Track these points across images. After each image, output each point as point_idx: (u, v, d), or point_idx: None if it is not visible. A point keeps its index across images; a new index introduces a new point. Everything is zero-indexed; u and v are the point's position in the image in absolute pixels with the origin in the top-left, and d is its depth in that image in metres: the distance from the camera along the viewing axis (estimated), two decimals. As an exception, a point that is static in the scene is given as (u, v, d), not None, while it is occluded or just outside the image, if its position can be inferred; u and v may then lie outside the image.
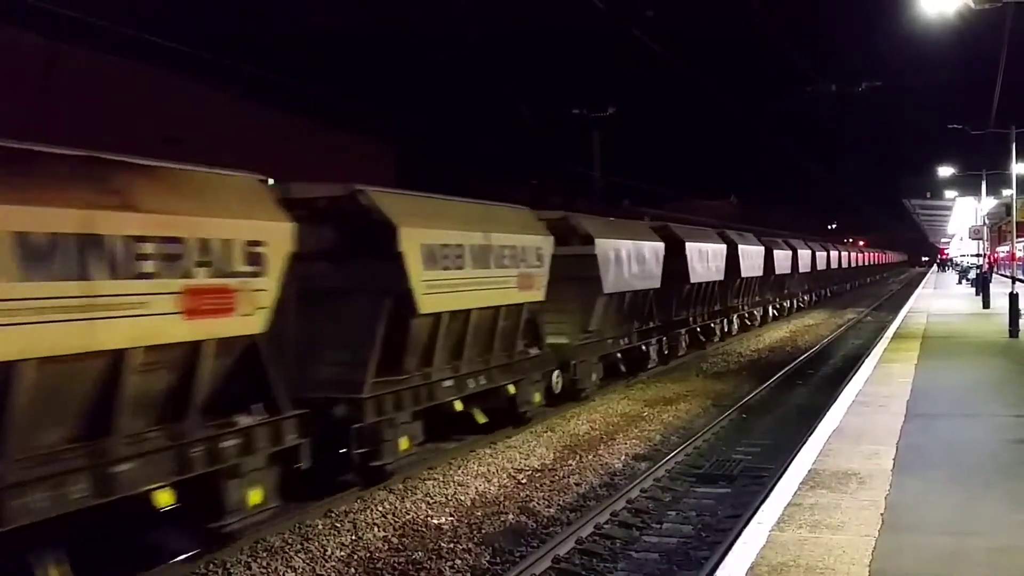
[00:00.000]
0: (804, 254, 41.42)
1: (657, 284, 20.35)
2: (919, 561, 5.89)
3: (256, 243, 8.34)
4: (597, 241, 17.10)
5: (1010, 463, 8.53)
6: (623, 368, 19.70)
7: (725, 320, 28.15)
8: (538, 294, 14.39)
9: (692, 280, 22.84)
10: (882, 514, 6.85)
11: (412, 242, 10.89)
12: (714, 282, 25.59)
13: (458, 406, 12.71)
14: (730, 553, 6.27)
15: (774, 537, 6.40)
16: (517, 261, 13.60)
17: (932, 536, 6.39)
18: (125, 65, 22.33)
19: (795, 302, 41.11)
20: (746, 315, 31.12)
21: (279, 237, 8.66)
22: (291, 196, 9.97)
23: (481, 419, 13.33)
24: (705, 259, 24.12)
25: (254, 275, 8.33)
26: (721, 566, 6.06)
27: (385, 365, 10.98)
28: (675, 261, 21.42)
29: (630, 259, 18.75)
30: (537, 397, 14.95)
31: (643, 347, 20.53)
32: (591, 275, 16.99)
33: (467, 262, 12.14)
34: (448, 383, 12.20)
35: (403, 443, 11.19)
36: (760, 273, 31.52)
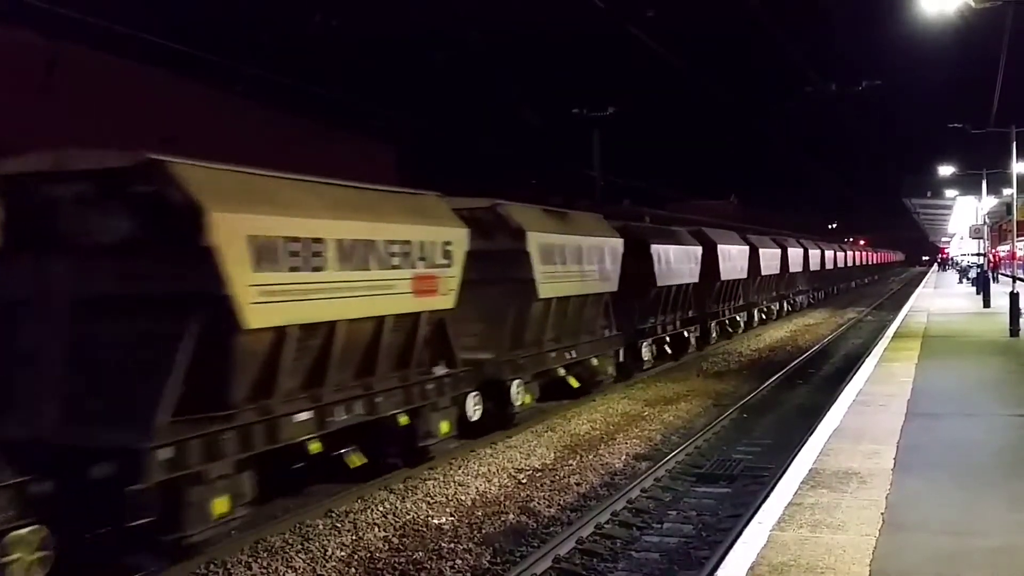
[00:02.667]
0: (768, 253, 34.07)
1: (613, 287, 17.80)
2: (920, 561, 5.89)
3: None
4: (529, 235, 14.37)
5: (1011, 463, 8.53)
6: (573, 385, 16.64)
7: (700, 328, 24.85)
8: (445, 300, 11.76)
9: (659, 283, 20.42)
10: (883, 514, 6.85)
11: (233, 233, 8.22)
12: (687, 285, 23.02)
13: (315, 447, 9.87)
14: (731, 553, 6.26)
15: (775, 537, 6.40)
16: (413, 260, 11.02)
17: (933, 536, 6.38)
18: (126, 65, 22.34)
19: (782, 305, 38.08)
20: (727, 321, 28.13)
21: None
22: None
23: (356, 462, 10.59)
24: (676, 260, 21.62)
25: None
26: (722, 566, 6.05)
27: (196, 399, 8.29)
28: (639, 262, 19.22)
29: (580, 258, 16.22)
30: (444, 427, 12.11)
31: (594, 360, 17.38)
32: (523, 277, 14.35)
33: (330, 261, 9.47)
34: (302, 417, 9.52)
35: (219, 505, 8.45)
36: (744, 275, 28.93)
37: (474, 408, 13.26)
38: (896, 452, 8.89)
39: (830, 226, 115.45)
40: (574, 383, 16.56)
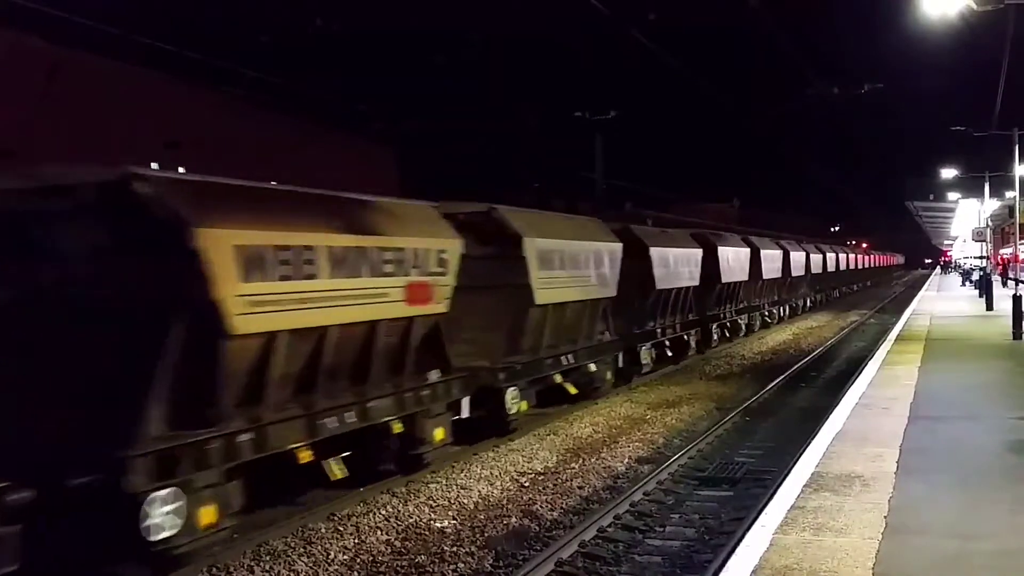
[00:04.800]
0: (738, 253, 31.00)
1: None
2: (923, 564, 5.88)
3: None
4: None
5: (1014, 466, 8.52)
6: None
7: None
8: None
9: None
10: (886, 517, 6.84)
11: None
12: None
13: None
14: (733, 556, 6.25)
15: (777, 540, 6.39)
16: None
17: (936, 539, 6.37)
18: (128, 69, 22.38)
19: (779, 310, 36.21)
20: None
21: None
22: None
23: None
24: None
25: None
26: (724, 569, 6.05)
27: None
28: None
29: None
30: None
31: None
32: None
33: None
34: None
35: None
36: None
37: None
38: (899, 455, 8.88)
39: (832, 229, 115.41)
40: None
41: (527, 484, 11.72)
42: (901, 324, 26.77)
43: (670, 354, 22.09)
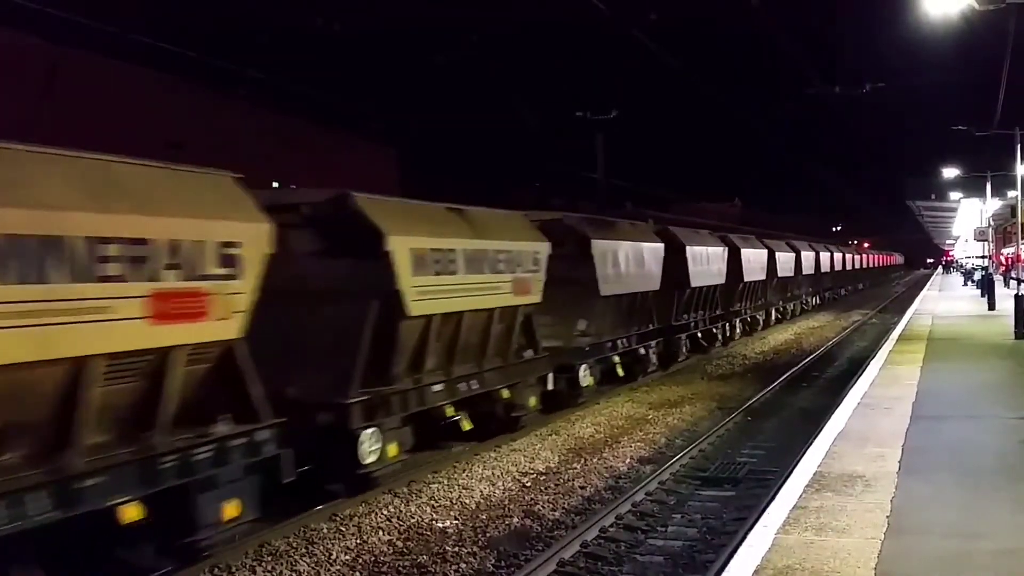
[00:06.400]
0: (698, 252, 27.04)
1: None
2: (925, 564, 5.87)
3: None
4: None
5: (1016, 465, 8.50)
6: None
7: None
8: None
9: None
10: (888, 517, 6.83)
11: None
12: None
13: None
14: (735, 556, 6.24)
15: (779, 540, 6.38)
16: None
17: (938, 539, 6.36)
18: (130, 69, 22.38)
19: (768, 313, 34.18)
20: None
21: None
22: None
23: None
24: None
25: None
26: (726, 569, 6.04)
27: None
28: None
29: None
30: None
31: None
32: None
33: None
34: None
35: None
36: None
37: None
38: (901, 455, 8.87)
39: (834, 228, 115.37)
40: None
41: (529, 484, 11.72)
42: (903, 324, 26.74)
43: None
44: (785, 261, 35.32)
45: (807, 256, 41.17)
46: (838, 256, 53.54)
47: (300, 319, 10.58)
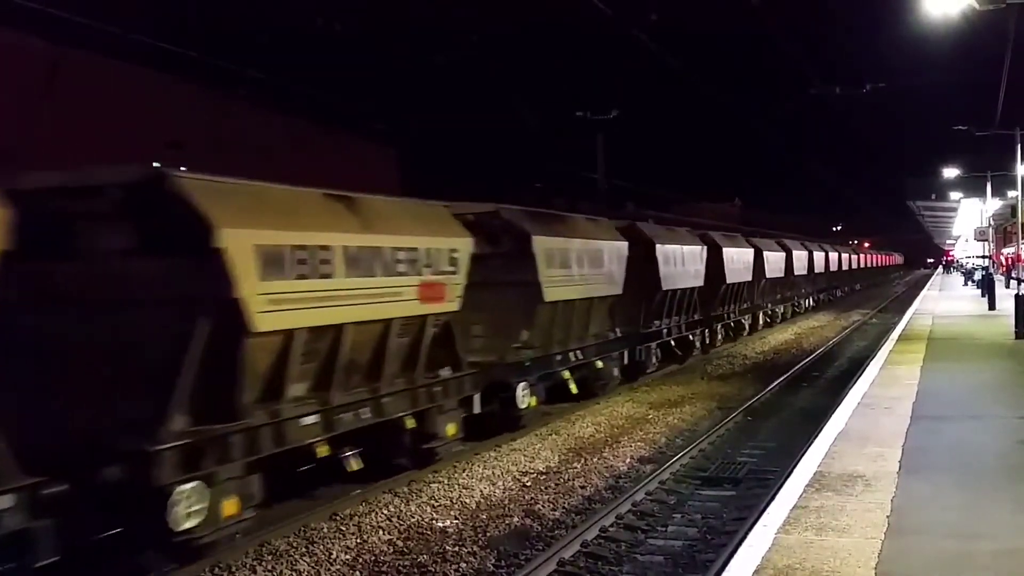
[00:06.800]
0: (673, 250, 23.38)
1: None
2: (925, 564, 5.87)
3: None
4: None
5: (1017, 465, 8.50)
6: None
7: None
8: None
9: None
10: (888, 517, 6.83)
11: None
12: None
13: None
14: (735, 556, 6.24)
15: (780, 540, 6.38)
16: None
17: (938, 539, 6.36)
18: (129, 69, 22.37)
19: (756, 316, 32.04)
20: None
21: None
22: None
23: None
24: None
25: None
26: (727, 569, 6.04)
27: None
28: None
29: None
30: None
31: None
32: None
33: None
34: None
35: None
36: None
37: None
38: (901, 455, 8.87)
39: (834, 228, 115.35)
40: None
41: (529, 484, 11.72)
42: (903, 324, 26.74)
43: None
44: (775, 261, 33.30)
45: (799, 256, 39.18)
46: (833, 256, 51.72)
47: (100, 336, 8.31)
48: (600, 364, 17.52)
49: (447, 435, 12.17)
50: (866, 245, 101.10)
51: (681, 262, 21.40)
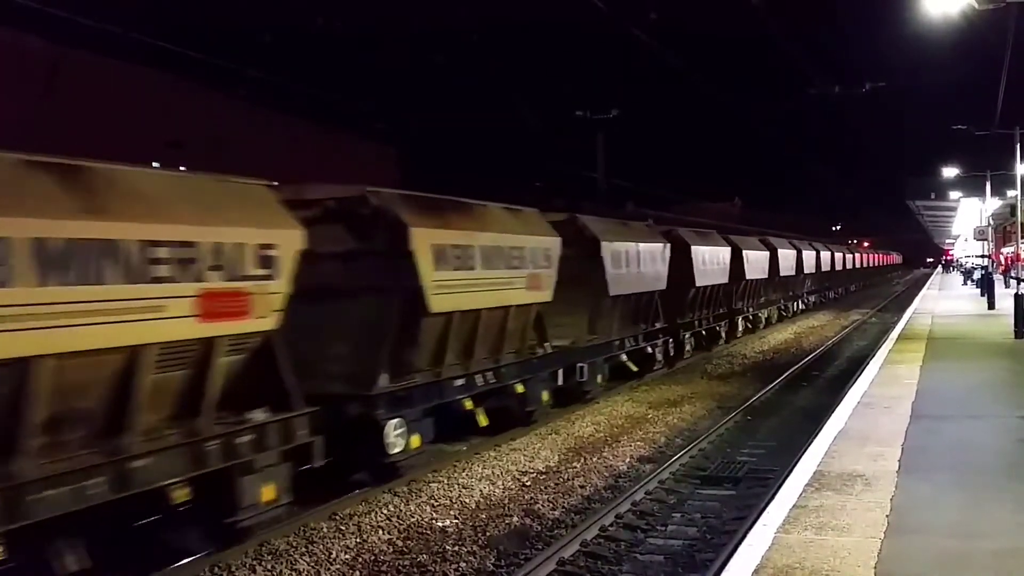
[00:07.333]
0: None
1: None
2: (925, 563, 5.87)
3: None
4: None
5: (1016, 465, 8.50)
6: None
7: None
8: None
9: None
10: (888, 516, 6.83)
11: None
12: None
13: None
14: (735, 555, 6.25)
15: (779, 539, 6.38)
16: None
17: (938, 538, 6.36)
18: (129, 68, 22.37)
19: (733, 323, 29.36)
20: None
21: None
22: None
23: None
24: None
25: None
26: (726, 569, 6.04)
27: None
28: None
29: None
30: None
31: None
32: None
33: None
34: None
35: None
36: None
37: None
38: (901, 454, 8.87)
39: (834, 228, 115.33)
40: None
41: (529, 483, 11.72)
42: (903, 323, 26.75)
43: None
44: (757, 261, 30.63)
45: (786, 254, 36.07)
46: (825, 255, 48.35)
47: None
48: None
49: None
50: (865, 244, 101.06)
51: (636, 263, 18.69)
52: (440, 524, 10.03)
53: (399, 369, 11.34)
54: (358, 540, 9.48)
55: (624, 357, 18.78)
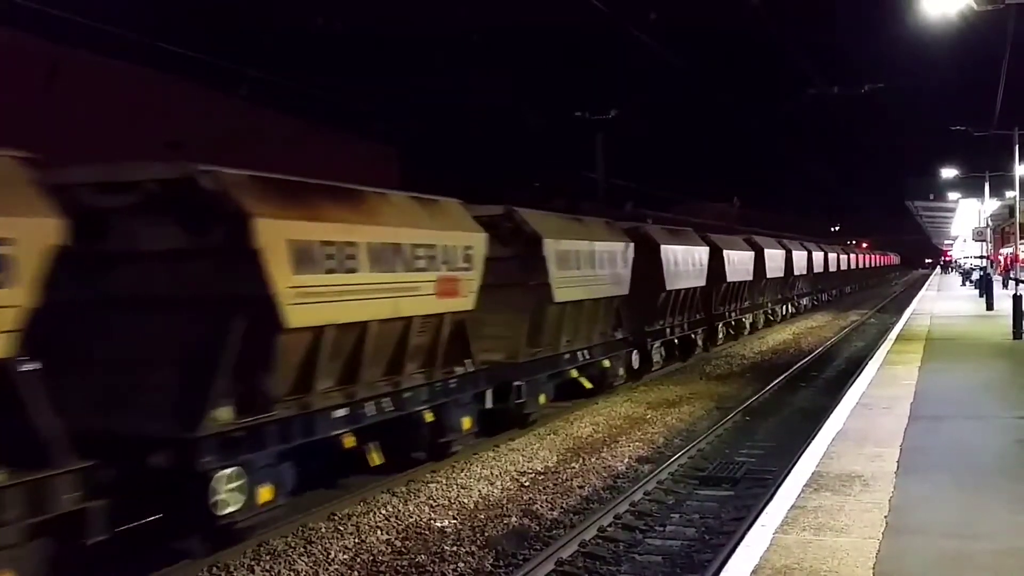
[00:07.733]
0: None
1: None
2: (923, 564, 5.87)
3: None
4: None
5: (1014, 465, 8.51)
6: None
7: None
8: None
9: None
10: (886, 516, 6.83)
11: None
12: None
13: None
14: (733, 556, 6.25)
15: (778, 540, 6.39)
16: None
17: (936, 539, 6.36)
18: (128, 68, 22.36)
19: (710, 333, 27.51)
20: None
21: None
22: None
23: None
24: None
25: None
26: (724, 569, 6.04)
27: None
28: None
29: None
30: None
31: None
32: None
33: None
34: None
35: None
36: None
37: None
38: (899, 455, 8.87)
39: (833, 228, 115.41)
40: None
41: (527, 484, 11.73)
42: (901, 324, 26.75)
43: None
44: (740, 262, 29.04)
45: (773, 255, 34.21)
46: (818, 256, 45.72)
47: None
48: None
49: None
50: (864, 245, 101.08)
51: (591, 263, 16.53)
52: (439, 524, 10.04)
53: (249, 401, 8.90)
54: (356, 540, 9.49)
55: (575, 373, 16.35)
